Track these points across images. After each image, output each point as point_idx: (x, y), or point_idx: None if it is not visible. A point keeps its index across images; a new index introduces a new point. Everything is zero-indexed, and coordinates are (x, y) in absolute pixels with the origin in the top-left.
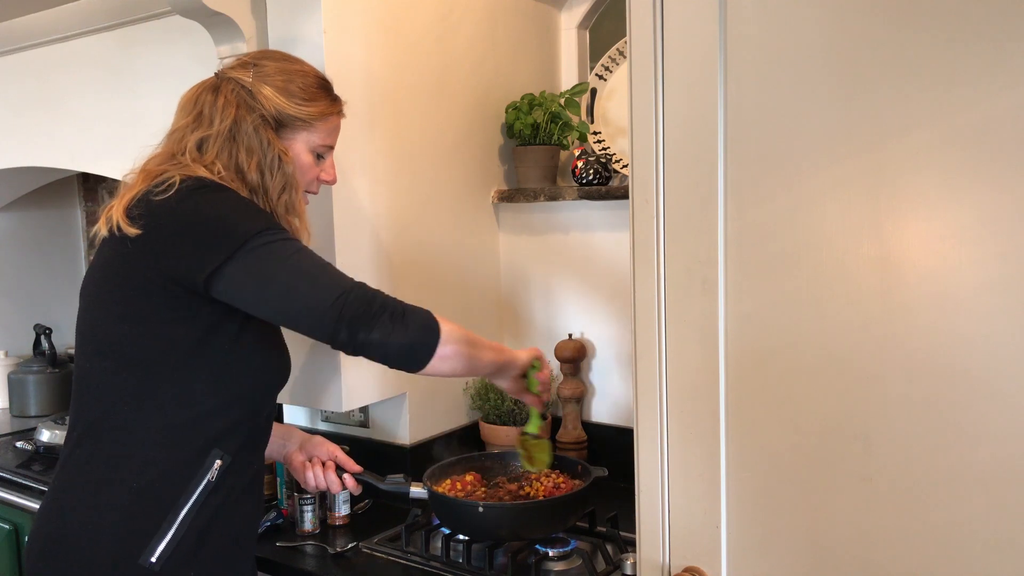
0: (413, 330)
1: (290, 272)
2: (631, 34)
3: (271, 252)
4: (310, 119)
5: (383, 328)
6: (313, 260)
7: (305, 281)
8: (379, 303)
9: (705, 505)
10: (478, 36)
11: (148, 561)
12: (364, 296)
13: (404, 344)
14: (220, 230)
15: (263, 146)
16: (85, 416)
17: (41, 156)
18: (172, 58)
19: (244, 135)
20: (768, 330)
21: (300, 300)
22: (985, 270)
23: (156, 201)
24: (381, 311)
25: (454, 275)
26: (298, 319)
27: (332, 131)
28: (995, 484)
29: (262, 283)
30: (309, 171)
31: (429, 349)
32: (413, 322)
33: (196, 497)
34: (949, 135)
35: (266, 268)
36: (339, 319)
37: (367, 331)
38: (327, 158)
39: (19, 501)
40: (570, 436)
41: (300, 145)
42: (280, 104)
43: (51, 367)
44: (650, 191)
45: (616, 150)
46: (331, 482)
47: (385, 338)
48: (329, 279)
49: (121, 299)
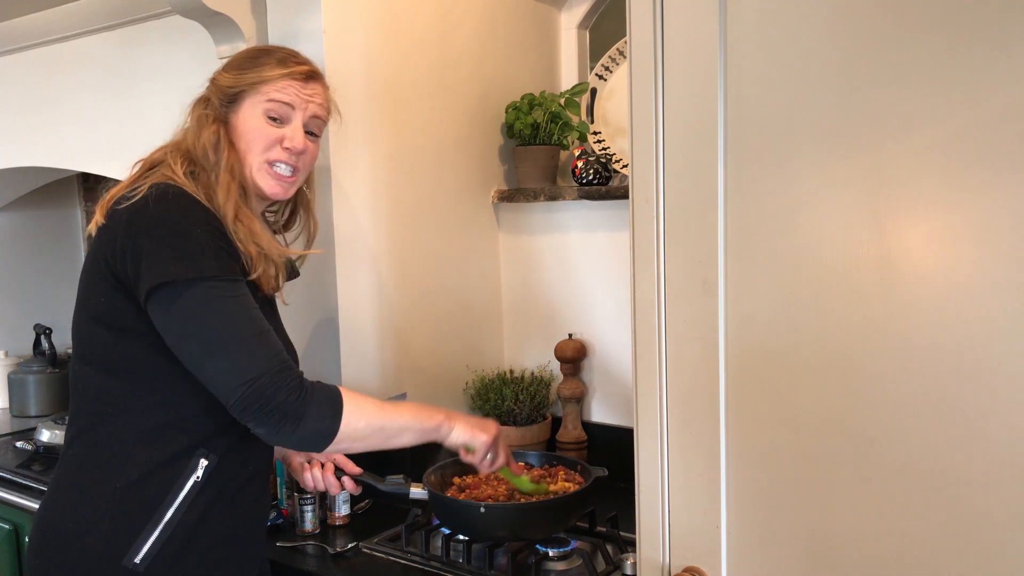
0: (302, 434)
1: (212, 337)
2: (631, 34)
3: (207, 306)
4: (252, 84)
5: (272, 426)
6: (241, 329)
7: (218, 355)
8: (277, 402)
9: (705, 505)
10: (478, 36)
11: (132, 562)
12: (266, 391)
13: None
14: (174, 249)
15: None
16: (78, 417)
17: (41, 156)
18: (172, 58)
19: (196, 122)
20: (768, 330)
21: (209, 372)
22: (985, 270)
23: (119, 210)
24: (274, 411)
25: (454, 275)
26: (205, 382)
27: (282, 89)
28: (995, 484)
29: (185, 333)
30: (262, 136)
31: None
32: (308, 423)
33: (182, 498)
34: (949, 135)
35: (194, 321)
36: (236, 403)
37: (256, 425)
38: (290, 122)
39: (19, 501)
40: (570, 436)
41: (247, 111)
42: (227, 81)
43: (51, 367)
44: (650, 191)
45: (616, 150)
46: (330, 484)
47: (275, 434)
48: (244, 359)
49: (95, 305)
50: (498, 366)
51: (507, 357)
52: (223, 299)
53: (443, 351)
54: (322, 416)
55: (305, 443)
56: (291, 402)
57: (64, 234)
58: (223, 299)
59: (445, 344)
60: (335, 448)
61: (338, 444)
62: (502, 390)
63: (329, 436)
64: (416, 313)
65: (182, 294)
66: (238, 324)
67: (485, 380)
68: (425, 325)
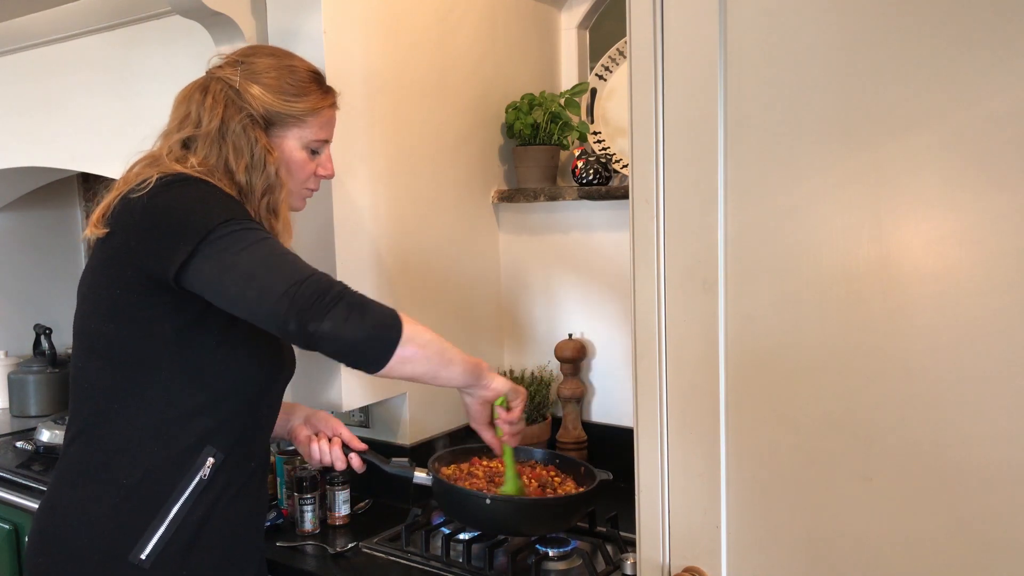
0: (370, 325)
1: (247, 261)
2: (631, 34)
3: (232, 241)
4: (301, 115)
5: (335, 319)
6: (274, 249)
7: (261, 269)
8: (335, 293)
9: (705, 505)
10: (478, 36)
11: (138, 558)
12: (319, 285)
13: (359, 338)
14: (186, 223)
15: (251, 144)
16: (80, 414)
17: (41, 156)
18: (172, 58)
19: (232, 134)
20: (768, 330)
21: (254, 289)
22: (985, 270)
23: (132, 199)
24: (335, 301)
25: (454, 275)
26: (252, 309)
27: (325, 125)
28: (995, 484)
29: (220, 272)
30: (304, 167)
31: (388, 347)
32: (372, 316)
33: (188, 494)
34: (949, 135)
35: (225, 257)
36: (290, 308)
37: (318, 321)
38: (323, 152)
39: (19, 501)
40: (570, 436)
41: (292, 142)
42: (268, 102)
43: (51, 367)
44: (650, 191)
45: (616, 150)
46: (336, 457)
47: (337, 329)
48: (287, 268)
49: (107, 299)
50: (498, 366)
51: (507, 357)
52: (246, 231)
53: None
54: (383, 312)
55: (373, 340)
56: (349, 292)
57: (64, 234)
58: (246, 231)
59: None
60: (404, 353)
61: (405, 346)
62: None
63: (396, 331)
64: (416, 313)
65: (209, 244)
66: (269, 246)
67: None
68: (424, 324)
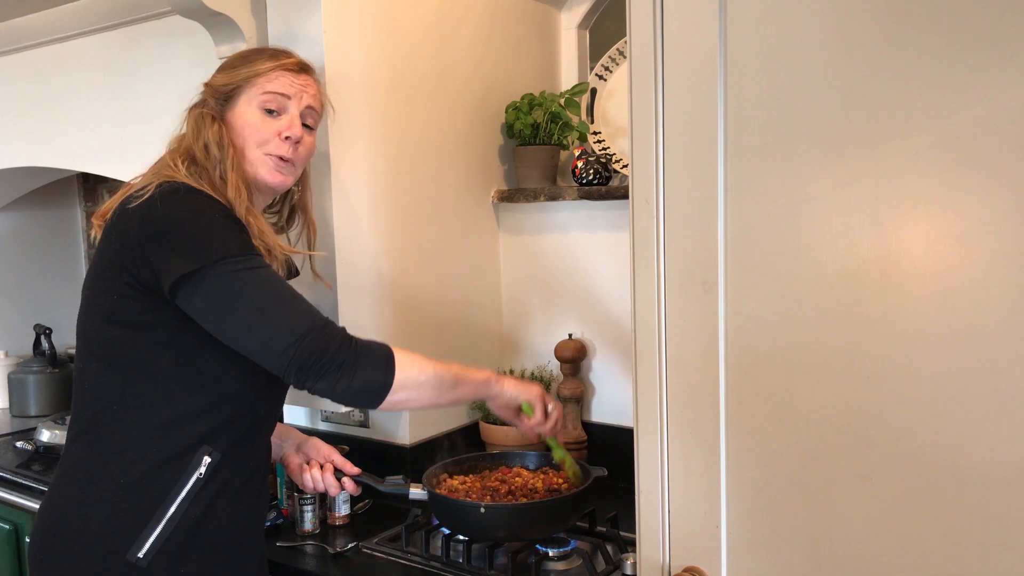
0: (361, 381)
1: (250, 307)
2: (631, 34)
3: (237, 280)
4: (246, 77)
5: (330, 379)
6: (276, 294)
7: (262, 321)
8: (331, 354)
9: (705, 505)
10: (478, 36)
11: (136, 556)
12: (316, 345)
13: (352, 394)
14: (187, 242)
15: (204, 124)
16: (81, 415)
17: (41, 156)
18: (172, 58)
19: (194, 122)
20: (768, 330)
21: (255, 339)
22: (985, 270)
23: (130, 208)
24: (331, 362)
25: (454, 275)
26: (251, 353)
27: (273, 81)
28: (995, 484)
29: (222, 312)
30: (259, 129)
31: (377, 398)
32: (363, 374)
33: (185, 494)
34: (949, 135)
35: (228, 297)
36: (289, 366)
37: (314, 380)
38: (285, 113)
39: (19, 501)
40: (570, 436)
41: (242, 107)
42: (219, 82)
43: (51, 367)
44: (650, 191)
45: (616, 150)
46: (329, 484)
47: (331, 388)
48: (287, 320)
49: (104, 303)
50: (498, 366)
51: (507, 357)
52: (251, 271)
53: (443, 351)
54: (376, 364)
55: (363, 394)
56: (344, 351)
57: (64, 234)
58: (251, 271)
59: (445, 344)
60: (394, 399)
61: (396, 393)
62: None
63: (387, 383)
64: (416, 313)
65: (210, 277)
66: (272, 291)
67: None
68: (425, 325)
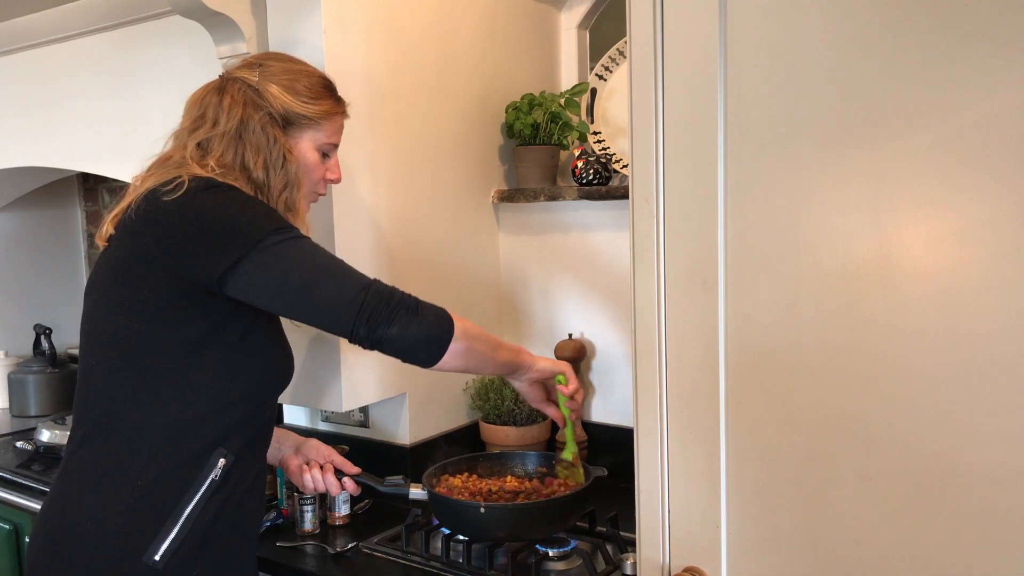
0: (428, 326)
1: (307, 269)
2: (631, 34)
3: (287, 249)
4: (316, 117)
5: (401, 323)
6: (328, 258)
7: (324, 278)
8: (396, 299)
9: (705, 505)
10: (478, 36)
11: (152, 559)
12: (382, 293)
13: (420, 339)
14: (234, 228)
15: (269, 143)
16: (89, 414)
17: (41, 156)
18: (172, 58)
19: (251, 133)
20: (768, 330)
21: (319, 297)
22: (985, 270)
23: (165, 201)
24: (399, 307)
25: (454, 275)
26: (316, 315)
27: (337, 130)
28: (995, 484)
29: (279, 280)
30: (315, 170)
31: (442, 344)
32: (428, 318)
33: (200, 496)
34: (949, 135)
35: (283, 265)
36: (359, 315)
37: (386, 326)
38: (332, 157)
39: (19, 501)
40: None
41: (306, 143)
42: (287, 102)
43: (51, 367)
44: (650, 191)
45: (616, 150)
46: (330, 484)
47: (403, 333)
48: (347, 276)
49: (129, 298)
50: None
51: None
52: (299, 239)
53: None
54: (436, 312)
55: (430, 339)
56: (407, 297)
57: (64, 234)
58: (299, 239)
59: None
60: (456, 348)
61: (457, 341)
62: (502, 390)
63: (450, 330)
64: None
65: (261, 252)
66: (324, 253)
67: (485, 380)
68: None
